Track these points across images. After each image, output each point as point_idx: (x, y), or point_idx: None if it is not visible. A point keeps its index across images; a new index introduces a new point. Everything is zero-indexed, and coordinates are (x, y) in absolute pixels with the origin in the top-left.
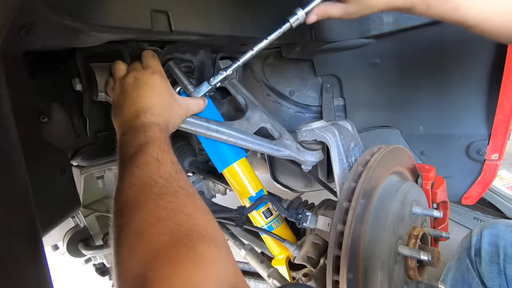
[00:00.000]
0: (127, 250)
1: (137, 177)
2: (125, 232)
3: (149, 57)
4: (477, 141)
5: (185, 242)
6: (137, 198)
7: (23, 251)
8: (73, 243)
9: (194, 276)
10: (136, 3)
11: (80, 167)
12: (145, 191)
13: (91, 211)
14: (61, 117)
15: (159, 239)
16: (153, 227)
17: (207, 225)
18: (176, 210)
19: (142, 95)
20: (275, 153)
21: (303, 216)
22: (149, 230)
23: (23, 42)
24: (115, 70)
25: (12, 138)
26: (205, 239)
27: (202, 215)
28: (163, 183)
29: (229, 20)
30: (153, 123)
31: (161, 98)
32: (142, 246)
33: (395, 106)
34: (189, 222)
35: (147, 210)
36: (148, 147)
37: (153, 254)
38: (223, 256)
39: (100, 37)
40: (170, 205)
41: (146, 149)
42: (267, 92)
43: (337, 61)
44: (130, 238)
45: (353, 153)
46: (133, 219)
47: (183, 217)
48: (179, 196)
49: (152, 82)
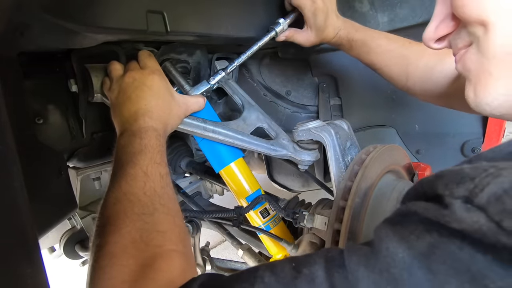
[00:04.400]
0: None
1: (123, 193)
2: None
3: (146, 56)
4: (471, 140)
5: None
6: (118, 218)
7: (19, 253)
8: (70, 245)
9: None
10: (131, 4)
11: (76, 169)
12: (126, 210)
13: (88, 213)
14: (56, 119)
15: (128, 263)
16: (125, 250)
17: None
18: (150, 230)
19: (141, 96)
20: (272, 153)
21: (300, 216)
22: (120, 254)
23: (18, 43)
24: (111, 70)
25: (7, 139)
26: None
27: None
28: (145, 202)
29: (225, 21)
30: (151, 128)
31: (160, 99)
32: (112, 270)
33: (391, 105)
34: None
35: (123, 233)
36: (140, 158)
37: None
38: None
39: (95, 38)
40: (145, 226)
41: (137, 160)
42: (263, 92)
43: (332, 61)
44: (103, 261)
45: (349, 152)
46: (109, 240)
47: (155, 235)
48: (157, 214)
49: (151, 82)
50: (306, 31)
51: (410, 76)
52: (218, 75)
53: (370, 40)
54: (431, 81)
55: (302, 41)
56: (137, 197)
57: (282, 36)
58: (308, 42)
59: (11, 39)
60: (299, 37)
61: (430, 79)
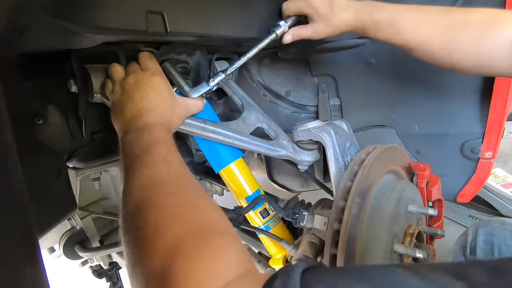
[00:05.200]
0: (148, 248)
1: (146, 177)
2: (143, 231)
3: (147, 58)
4: (471, 140)
5: (203, 235)
6: (150, 198)
7: (19, 254)
8: (70, 245)
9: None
10: (131, 5)
11: (76, 169)
12: (157, 191)
13: (87, 213)
14: (56, 119)
15: (178, 234)
16: (170, 223)
17: (220, 221)
18: (190, 208)
19: (144, 96)
20: (271, 153)
21: (299, 216)
22: (167, 227)
23: (18, 44)
24: (113, 72)
25: (7, 140)
26: (221, 232)
27: (215, 213)
28: (174, 183)
29: (225, 21)
30: (157, 123)
31: (162, 98)
32: (162, 242)
33: (390, 105)
34: (204, 219)
35: (162, 209)
36: (155, 147)
37: (174, 248)
38: (238, 247)
39: (95, 39)
40: (184, 203)
41: (153, 149)
42: (263, 92)
43: (332, 61)
44: (150, 237)
45: (348, 152)
46: (149, 219)
47: (197, 214)
48: (190, 195)
49: (153, 83)
50: (312, 24)
51: (454, 53)
52: (218, 77)
53: (397, 17)
54: (482, 54)
55: (310, 35)
56: (165, 179)
57: (288, 37)
58: (317, 33)
59: (11, 40)
60: (305, 32)
61: (481, 53)
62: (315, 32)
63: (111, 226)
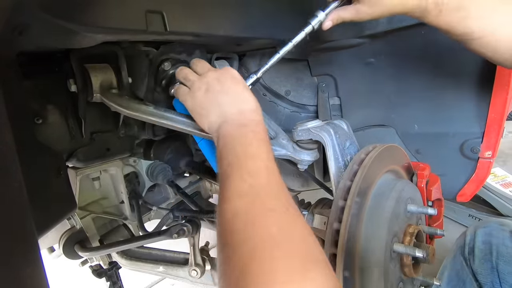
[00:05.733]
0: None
1: (248, 185)
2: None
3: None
4: (471, 139)
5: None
6: (248, 211)
7: (19, 254)
8: (69, 245)
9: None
10: (131, 4)
11: (75, 168)
12: (255, 204)
13: (87, 213)
14: (56, 119)
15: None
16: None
17: (316, 247)
18: (288, 230)
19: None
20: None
21: None
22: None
23: (17, 43)
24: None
25: (6, 139)
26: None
27: (311, 236)
28: (274, 196)
29: (224, 20)
30: (257, 120)
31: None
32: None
33: (390, 105)
34: (302, 244)
35: (259, 226)
36: (258, 151)
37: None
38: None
39: (94, 38)
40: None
41: (256, 153)
42: (263, 92)
43: (332, 60)
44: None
45: (348, 152)
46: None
47: (296, 238)
48: (289, 214)
49: (236, 76)
50: (356, 4)
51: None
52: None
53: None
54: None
55: (352, 17)
56: (265, 192)
57: (327, 22)
58: (360, 15)
59: (10, 39)
60: (346, 14)
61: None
62: (357, 14)
63: (111, 226)
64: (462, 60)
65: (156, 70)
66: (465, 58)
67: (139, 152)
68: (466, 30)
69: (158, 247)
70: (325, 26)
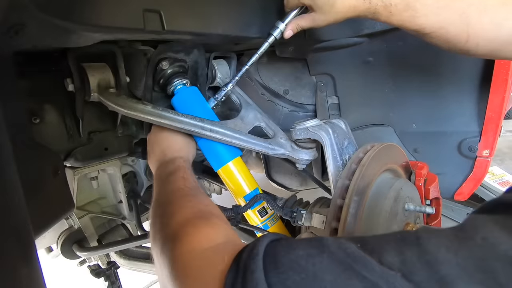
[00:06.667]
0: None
1: (169, 188)
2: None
3: None
4: (468, 138)
5: (204, 217)
6: (170, 198)
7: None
8: (68, 245)
9: (209, 232)
10: (128, 3)
11: (73, 168)
12: (175, 194)
13: (85, 212)
14: (53, 118)
15: (187, 215)
16: (183, 209)
17: (217, 211)
18: (197, 203)
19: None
20: (269, 152)
21: (298, 214)
22: (180, 211)
23: (13, 42)
24: None
25: (2, 139)
26: (216, 216)
27: (213, 207)
28: (187, 190)
29: (222, 19)
30: (177, 156)
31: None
32: (176, 219)
33: (388, 104)
34: (206, 209)
35: (176, 203)
36: (177, 171)
37: (184, 222)
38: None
39: (92, 37)
40: (193, 200)
41: (175, 172)
42: (261, 91)
43: (330, 59)
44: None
45: (346, 151)
46: (168, 208)
47: (201, 207)
48: (199, 196)
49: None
50: (311, 13)
51: (472, 37)
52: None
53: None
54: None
55: (309, 25)
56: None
57: (288, 32)
58: (316, 22)
59: (6, 39)
60: (304, 23)
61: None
62: (314, 22)
63: (109, 226)
64: (460, 59)
65: (154, 69)
66: (463, 57)
67: (137, 151)
68: (417, 27)
69: None
70: (286, 35)
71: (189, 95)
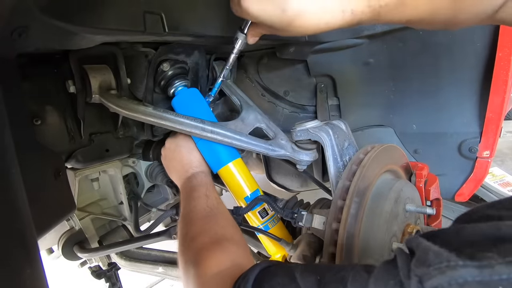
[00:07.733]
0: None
1: (192, 206)
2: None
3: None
4: (469, 139)
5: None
6: (192, 218)
7: (18, 255)
8: (69, 246)
9: (220, 258)
10: (129, 5)
11: (74, 169)
12: (197, 214)
13: (86, 214)
14: (55, 120)
15: (204, 240)
16: (202, 234)
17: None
18: (214, 225)
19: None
20: (270, 153)
21: (298, 215)
22: (199, 236)
23: (16, 44)
24: None
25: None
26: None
27: (228, 227)
28: (208, 211)
29: (223, 21)
30: (199, 171)
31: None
32: (195, 244)
33: (388, 105)
34: (220, 232)
35: (197, 225)
36: (199, 187)
37: (202, 247)
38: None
39: (93, 39)
40: (210, 222)
41: (198, 188)
42: (261, 92)
43: (330, 61)
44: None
45: (347, 152)
46: (190, 229)
47: (218, 229)
48: (217, 217)
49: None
50: None
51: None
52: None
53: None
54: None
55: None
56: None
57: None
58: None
59: (9, 41)
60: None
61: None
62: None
63: (110, 227)
64: (460, 60)
65: (155, 71)
66: (463, 58)
67: (138, 152)
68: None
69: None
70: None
71: (189, 96)
